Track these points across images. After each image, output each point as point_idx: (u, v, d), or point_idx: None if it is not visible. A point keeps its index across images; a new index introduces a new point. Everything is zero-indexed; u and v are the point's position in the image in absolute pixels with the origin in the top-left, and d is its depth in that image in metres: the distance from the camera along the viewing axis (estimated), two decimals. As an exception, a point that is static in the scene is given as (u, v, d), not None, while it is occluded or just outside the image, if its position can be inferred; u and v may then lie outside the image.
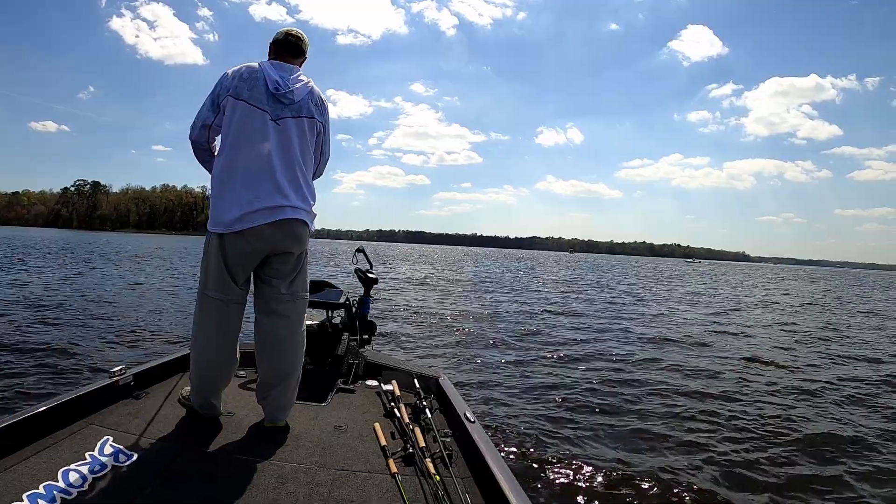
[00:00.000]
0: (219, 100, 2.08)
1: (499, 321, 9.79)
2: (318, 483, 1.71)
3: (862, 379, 6.29)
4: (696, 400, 5.02)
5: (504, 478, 1.65)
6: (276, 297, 2.12)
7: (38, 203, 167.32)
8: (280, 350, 2.13)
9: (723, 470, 3.43)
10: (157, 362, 2.62)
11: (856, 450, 3.91)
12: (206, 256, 2.08)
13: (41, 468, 1.62)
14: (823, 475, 3.45)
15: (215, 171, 2.08)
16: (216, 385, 2.14)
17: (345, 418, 2.30)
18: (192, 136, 2.16)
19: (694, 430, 4.14)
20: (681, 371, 6.24)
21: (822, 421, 4.57)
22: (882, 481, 3.42)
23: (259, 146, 2.02)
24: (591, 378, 5.63)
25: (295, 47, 2.21)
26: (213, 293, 2.05)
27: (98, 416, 2.05)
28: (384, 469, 1.83)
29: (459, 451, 2.00)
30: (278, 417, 2.14)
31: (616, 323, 10.34)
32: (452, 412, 2.32)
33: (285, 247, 2.08)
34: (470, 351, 6.80)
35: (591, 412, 4.49)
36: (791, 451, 3.83)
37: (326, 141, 2.28)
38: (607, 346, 7.70)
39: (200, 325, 2.09)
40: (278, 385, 2.11)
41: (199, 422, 2.11)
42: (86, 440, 1.83)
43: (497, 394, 4.85)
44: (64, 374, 4.47)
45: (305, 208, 2.12)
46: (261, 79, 2.06)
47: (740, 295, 21.30)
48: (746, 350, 7.96)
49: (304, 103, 2.13)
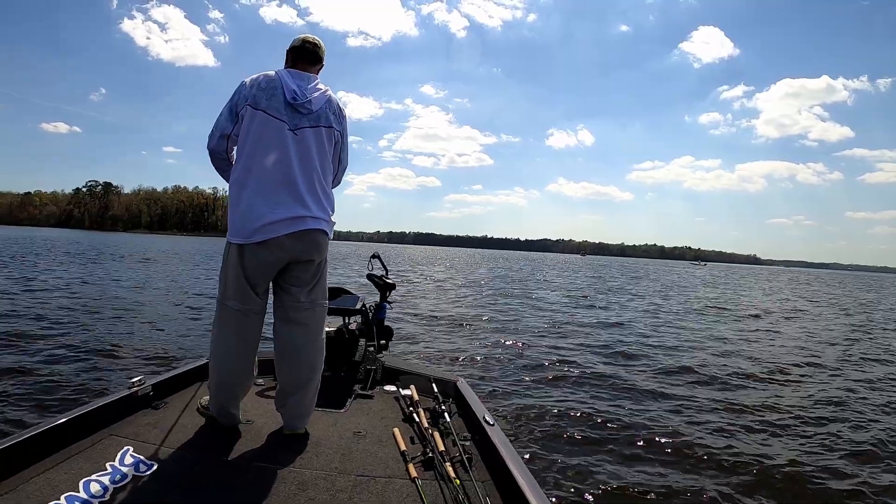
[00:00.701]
0: (237, 109, 2.07)
1: (515, 324, 9.74)
2: (338, 489, 1.70)
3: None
4: (732, 412, 4.83)
5: (525, 481, 1.63)
6: (295, 305, 2.11)
7: (49, 203, 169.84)
8: (300, 358, 2.11)
9: (758, 482, 3.32)
10: (176, 372, 2.62)
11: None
12: (225, 266, 2.07)
13: (62, 479, 1.61)
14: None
15: (233, 180, 2.06)
16: (235, 394, 2.13)
17: (364, 424, 2.29)
18: (211, 145, 2.15)
19: (722, 440, 4.03)
20: (717, 379, 6.07)
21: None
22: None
23: (278, 156, 2.01)
24: (615, 383, 5.54)
25: (312, 55, 2.20)
26: (232, 303, 2.04)
27: (118, 426, 2.05)
28: (404, 474, 1.83)
29: (479, 455, 2.00)
30: (297, 425, 2.13)
31: (649, 331, 10.03)
32: (471, 416, 2.31)
33: (305, 256, 2.08)
34: (487, 354, 6.75)
35: (614, 416, 4.41)
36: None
37: (345, 149, 2.27)
38: (634, 352, 7.55)
39: (220, 334, 2.08)
40: (297, 393, 2.10)
41: (218, 431, 2.11)
42: (106, 450, 1.83)
43: (516, 397, 4.81)
44: (83, 385, 4.47)
45: (325, 218, 2.11)
46: (279, 88, 2.05)
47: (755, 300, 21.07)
48: (788, 358, 7.77)
49: (323, 112, 2.12)
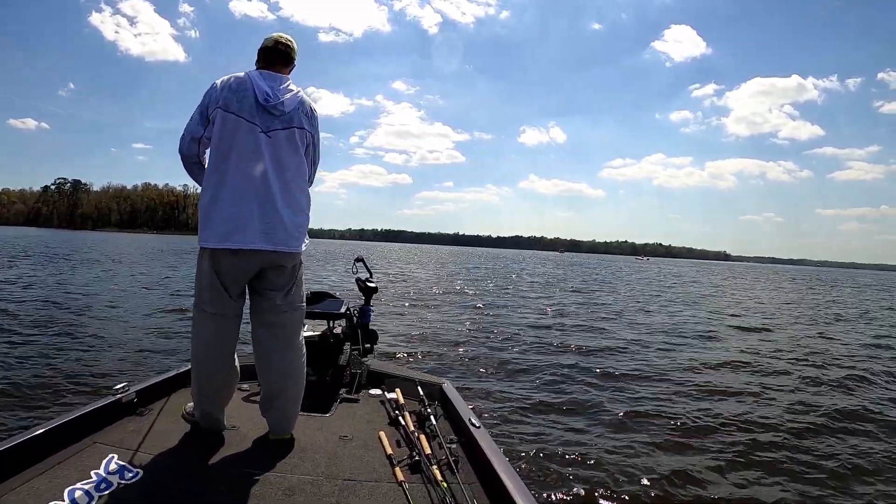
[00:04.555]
0: (207, 112, 2.05)
1: (501, 326, 9.79)
2: (324, 494, 1.71)
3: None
4: (713, 402, 5.06)
5: (512, 483, 1.66)
6: (272, 308, 2.11)
7: (17, 202, 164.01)
8: (280, 361, 2.12)
9: (738, 473, 3.46)
10: (160, 378, 2.59)
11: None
12: (199, 272, 2.06)
13: (47, 488, 1.60)
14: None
15: (205, 184, 2.04)
16: (218, 399, 2.12)
17: (349, 428, 2.29)
18: (182, 149, 2.13)
19: (705, 433, 4.19)
20: (700, 374, 6.31)
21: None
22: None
23: (250, 160, 2.00)
24: (597, 382, 5.66)
25: (285, 56, 2.18)
26: (208, 308, 2.04)
27: (102, 433, 2.03)
28: (391, 478, 1.83)
29: (466, 458, 2.01)
30: (282, 430, 2.13)
31: (627, 327, 10.33)
32: (457, 418, 2.33)
33: (279, 261, 2.08)
34: (473, 356, 6.80)
35: (598, 415, 4.52)
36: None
37: (317, 150, 2.27)
38: (615, 348, 7.75)
39: (198, 340, 2.08)
40: (281, 397, 2.10)
41: (203, 436, 2.10)
42: (90, 458, 1.81)
43: (501, 398, 4.87)
44: (65, 393, 4.37)
45: (298, 222, 2.11)
46: (250, 90, 2.03)
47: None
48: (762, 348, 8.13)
49: (295, 114, 2.11)
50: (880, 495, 3.27)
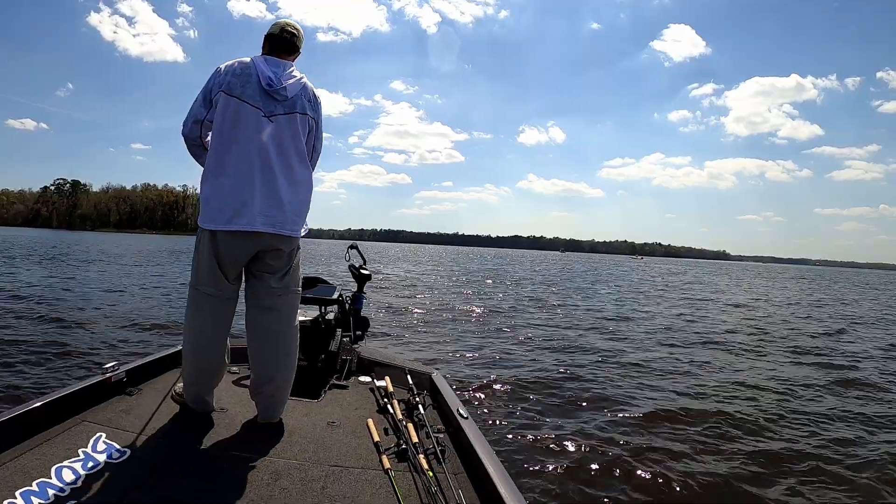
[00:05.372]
0: (211, 95, 2.07)
1: (492, 318, 9.84)
2: (311, 479, 1.71)
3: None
4: (698, 397, 5.06)
5: (497, 473, 1.66)
6: (268, 291, 2.12)
7: (16, 202, 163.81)
8: (272, 345, 2.12)
9: (723, 469, 3.45)
10: (150, 359, 2.60)
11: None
12: (198, 253, 2.08)
13: (34, 465, 1.60)
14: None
15: (207, 166, 2.07)
16: (209, 381, 2.13)
17: (338, 414, 2.30)
18: (185, 131, 2.15)
19: (692, 426, 4.19)
20: (687, 370, 6.31)
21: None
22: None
23: (252, 143, 2.02)
24: (585, 375, 5.68)
25: (290, 44, 2.20)
26: (204, 289, 2.06)
27: (91, 412, 2.04)
28: (377, 465, 1.84)
29: (452, 447, 2.02)
30: (272, 414, 2.14)
31: (620, 322, 10.39)
32: (445, 408, 2.33)
33: (278, 244, 2.09)
34: (463, 347, 6.84)
35: (585, 408, 4.54)
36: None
37: (319, 137, 2.28)
38: (605, 342, 7.77)
39: (192, 320, 2.09)
40: (271, 381, 2.11)
41: (192, 418, 2.11)
42: (79, 437, 1.82)
43: (490, 390, 4.90)
44: (56, 371, 4.41)
45: (297, 206, 2.12)
46: (253, 74, 2.05)
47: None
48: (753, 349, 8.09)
49: (298, 99, 2.12)
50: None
